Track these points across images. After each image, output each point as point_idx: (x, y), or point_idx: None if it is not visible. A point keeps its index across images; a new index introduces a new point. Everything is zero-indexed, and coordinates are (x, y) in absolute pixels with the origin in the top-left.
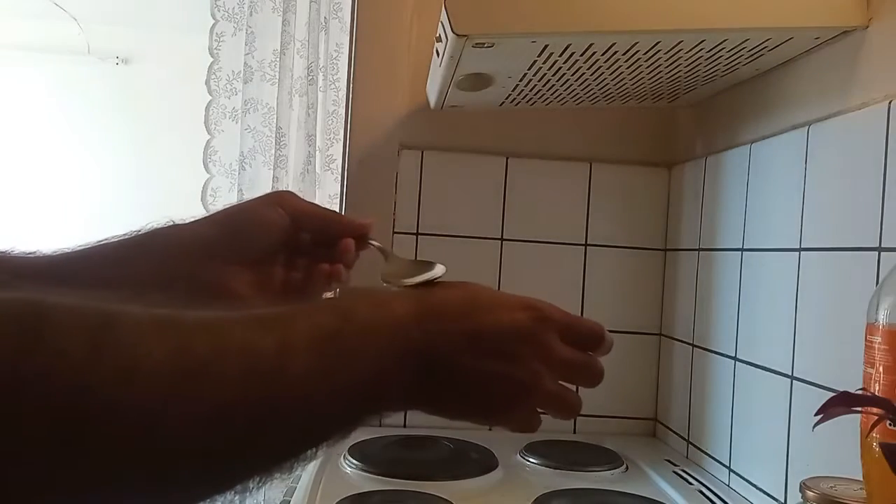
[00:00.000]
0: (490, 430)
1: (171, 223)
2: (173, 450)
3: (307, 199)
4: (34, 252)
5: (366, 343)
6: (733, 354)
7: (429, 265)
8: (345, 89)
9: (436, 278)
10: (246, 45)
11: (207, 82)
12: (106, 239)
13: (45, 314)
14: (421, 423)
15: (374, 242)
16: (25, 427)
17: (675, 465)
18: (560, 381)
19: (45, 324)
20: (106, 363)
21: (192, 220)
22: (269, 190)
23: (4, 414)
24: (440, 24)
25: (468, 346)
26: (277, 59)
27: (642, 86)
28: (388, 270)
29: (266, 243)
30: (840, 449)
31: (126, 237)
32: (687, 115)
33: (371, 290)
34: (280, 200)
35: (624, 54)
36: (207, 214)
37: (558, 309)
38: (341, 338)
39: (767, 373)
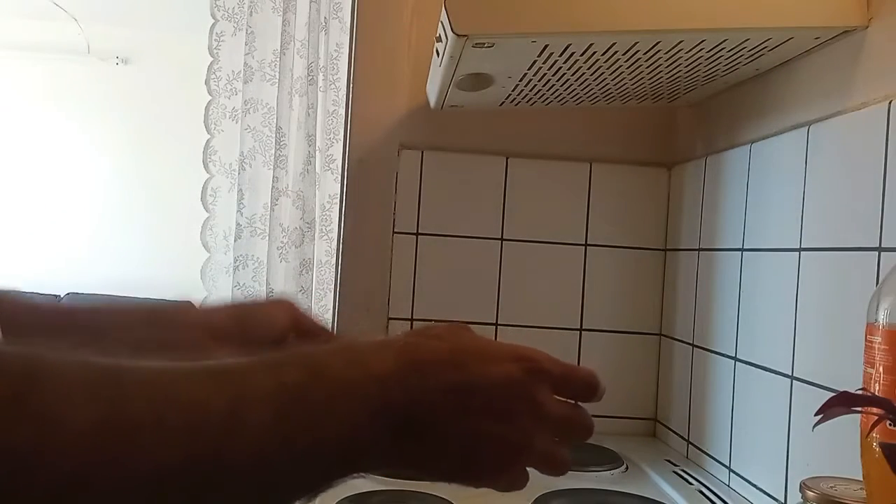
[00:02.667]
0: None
1: (188, 302)
2: None
3: (307, 198)
4: (36, 296)
5: (335, 403)
6: (733, 354)
7: None
8: (345, 89)
9: None
10: (246, 45)
11: (207, 82)
12: (117, 298)
13: None
14: None
15: None
16: None
17: (675, 465)
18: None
19: None
20: (22, 429)
21: (208, 305)
22: (269, 190)
23: None
24: (440, 24)
25: (455, 403)
26: (277, 59)
27: (642, 86)
28: None
29: (268, 337)
30: (840, 449)
31: (138, 303)
32: (687, 115)
33: (348, 344)
34: (286, 305)
35: (624, 54)
36: (223, 304)
37: (551, 358)
38: (307, 396)
39: (767, 373)
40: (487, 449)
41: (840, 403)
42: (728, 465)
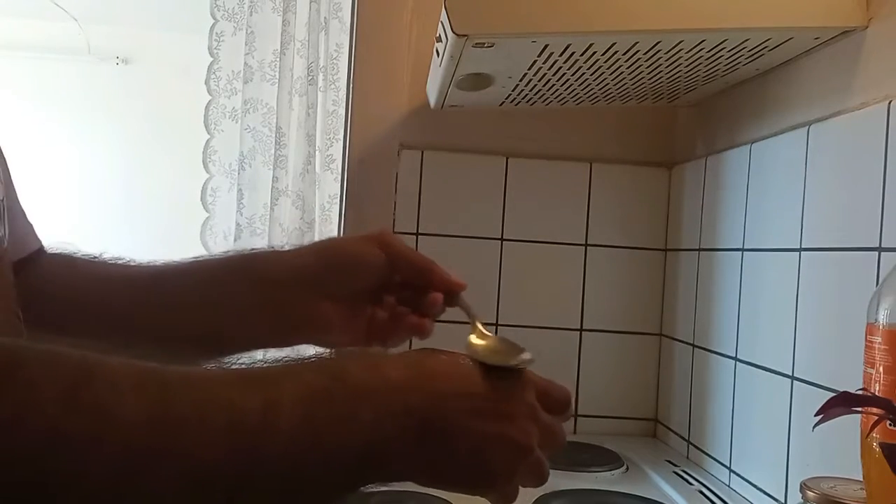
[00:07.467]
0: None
1: (272, 249)
2: None
3: (306, 198)
4: (128, 260)
5: (359, 406)
6: (733, 354)
7: (517, 349)
8: (345, 89)
9: (525, 365)
10: (246, 45)
11: (207, 82)
12: (201, 257)
13: (18, 363)
14: None
15: (463, 304)
16: None
17: (675, 465)
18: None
19: (16, 373)
20: (78, 418)
21: (294, 247)
22: (269, 190)
23: None
24: (440, 24)
25: (465, 407)
26: (277, 59)
27: (642, 86)
28: (475, 343)
29: (362, 282)
30: (840, 449)
31: (223, 257)
32: (687, 115)
33: (361, 353)
34: (381, 240)
35: (624, 54)
36: (309, 244)
37: (532, 372)
38: (332, 399)
39: (767, 373)
40: (497, 449)
41: (840, 403)
42: (728, 465)
